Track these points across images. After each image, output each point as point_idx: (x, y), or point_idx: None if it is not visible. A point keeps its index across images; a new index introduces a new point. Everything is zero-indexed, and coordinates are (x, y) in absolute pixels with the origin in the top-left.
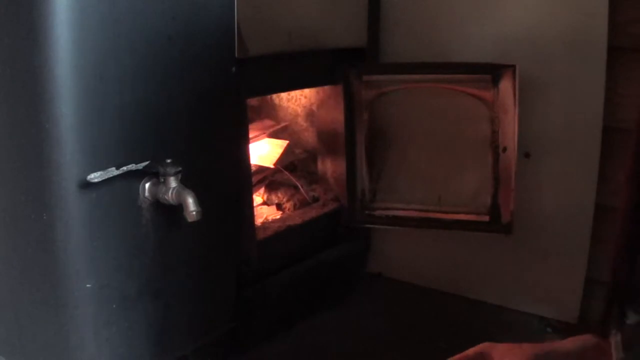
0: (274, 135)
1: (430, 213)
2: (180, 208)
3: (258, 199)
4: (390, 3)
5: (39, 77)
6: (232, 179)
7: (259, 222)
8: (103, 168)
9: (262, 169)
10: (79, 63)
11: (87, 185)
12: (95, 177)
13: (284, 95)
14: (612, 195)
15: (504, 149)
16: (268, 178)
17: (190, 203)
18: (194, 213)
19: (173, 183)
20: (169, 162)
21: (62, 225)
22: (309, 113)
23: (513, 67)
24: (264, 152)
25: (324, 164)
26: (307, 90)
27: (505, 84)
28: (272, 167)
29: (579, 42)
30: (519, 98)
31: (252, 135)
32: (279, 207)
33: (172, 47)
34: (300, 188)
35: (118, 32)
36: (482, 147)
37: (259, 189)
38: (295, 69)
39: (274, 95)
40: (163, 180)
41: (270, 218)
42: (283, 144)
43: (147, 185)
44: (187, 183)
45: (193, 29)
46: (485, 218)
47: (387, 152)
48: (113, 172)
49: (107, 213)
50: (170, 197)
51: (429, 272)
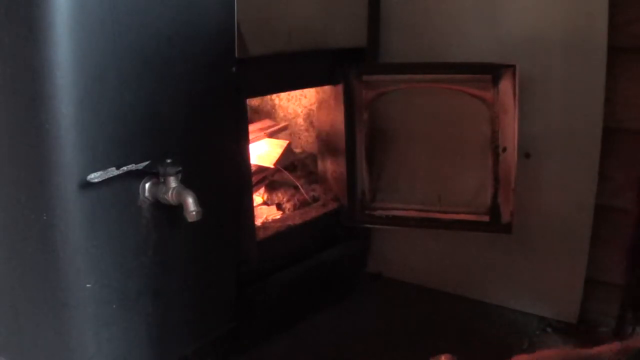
0: (274, 135)
1: (430, 213)
2: (180, 208)
3: (258, 199)
4: (390, 3)
5: (39, 77)
6: (232, 179)
7: (259, 222)
8: (103, 168)
9: (262, 169)
10: (79, 63)
11: (87, 185)
12: (95, 177)
13: (284, 95)
14: (612, 195)
15: (504, 149)
16: (268, 178)
17: (190, 203)
18: (194, 213)
19: (173, 183)
20: (169, 162)
21: (62, 225)
22: (309, 113)
23: (513, 67)
24: (264, 152)
25: (324, 164)
26: (307, 90)
27: (505, 84)
28: (272, 167)
29: (579, 42)
30: (519, 98)
31: (252, 135)
32: (279, 207)
33: (172, 47)
34: (300, 188)
35: (118, 32)
36: (482, 147)
37: (259, 189)
38: (295, 69)
39: (274, 95)
40: (163, 180)
41: (270, 218)
42: (283, 144)
43: (147, 185)
44: (187, 183)
45: (193, 29)
46: (485, 218)
47: (387, 152)
48: (113, 172)
49: (107, 213)
50: (170, 197)
51: (429, 272)
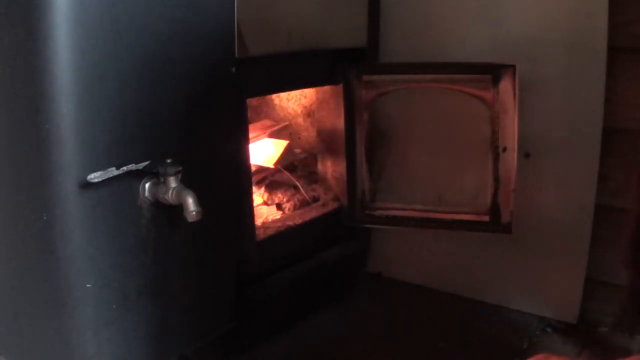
0: (274, 135)
1: (430, 213)
2: (180, 208)
3: (258, 199)
4: (390, 3)
5: (39, 77)
6: (232, 179)
7: (259, 222)
8: (103, 168)
9: (262, 169)
10: (79, 63)
11: (87, 185)
12: (95, 177)
13: (284, 95)
14: (612, 195)
15: (504, 149)
16: (268, 178)
17: (190, 203)
18: (194, 213)
19: (173, 183)
20: (169, 162)
21: (62, 225)
22: (309, 113)
23: (513, 67)
24: (264, 152)
25: (324, 164)
26: (307, 90)
27: (505, 84)
28: (272, 167)
29: (579, 42)
30: (519, 98)
31: (252, 135)
32: (279, 207)
33: (172, 47)
34: (300, 188)
35: (118, 32)
36: (482, 147)
37: (259, 189)
38: (295, 69)
39: (274, 95)
40: (163, 180)
41: (270, 218)
42: (283, 144)
43: (147, 185)
44: (187, 183)
45: (193, 29)
46: (485, 218)
47: (387, 152)
48: (113, 172)
49: (107, 213)
50: (170, 197)
51: (429, 272)
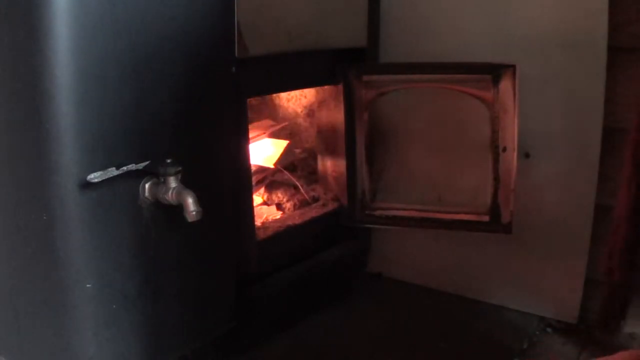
0: (274, 135)
1: (430, 213)
2: (180, 208)
3: (258, 199)
4: (390, 3)
5: (39, 77)
6: (232, 179)
7: (259, 222)
8: (103, 168)
9: (262, 169)
10: (79, 63)
11: (87, 185)
12: (95, 177)
13: (284, 95)
14: (612, 195)
15: (504, 149)
16: (268, 178)
17: (190, 203)
18: (194, 213)
19: (173, 183)
20: (169, 162)
21: (62, 225)
22: (309, 113)
23: (513, 67)
24: (264, 152)
25: (324, 164)
26: (307, 90)
27: (505, 84)
28: (272, 167)
29: (579, 42)
30: (519, 98)
31: (252, 135)
32: (279, 207)
33: (172, 47)
34: (300, 188)
35: (118, 32)
36: (482, 147)
37: (259, 189)
38: (295, 69)
39: (274, 95)
40: (163, 180)
41: (270, 218)
42: (283, 144)
43: (147, 185)
44: (187, 183)
45: (193, 29)
46: (485, 218)
47: (387, 152)
48: (113, 172)
49: (107, 213)
50: (170, 197)
51: (429, 272)
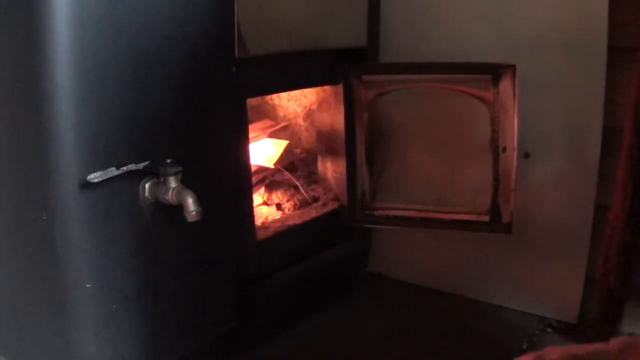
0: (274, 135)
1: (431, 213)
2: (180, 208)
3: (258, 199)
4: (390, 3)
5: (39, 77)
6: (232, 179)
7: (259, 222)
8: (103, 168)
9: (262, 169)
10: (79, 63)
11: (87, 185)
12: (95, 177)
13: (284, 95)
14: (612, 196)
15: (504, 149)
16: (268, 178)
17: (190, 203)
18: (194, 213)
19: (173, 183)
20: (169, 162)
21: (62, 225)
22: (309, 113)
23: (513, 67)
24: (264, 152)
25: (324, 164)
26: (307, 90)
27: (505, 84)
28: (272, 167)
29: (579, 42)
30: (519, 98)
31: (252, 135)
32: (279, 207)
33: (171, 47)
34: (300, 188)
35: (118, 32)
36: (482, 147)
37: (259, 189)
38: (295, 69)
39: (274, 95)
40: (163, 180)
41: (270, 218)
42: (283, 144)
43: (147, 185)
44: (187, 183)
45: (193, 29)
46: (485, 218)
47: (387, 152)
48: (113, 172)
49: (107, 213)
50: (170, 197)
51: (429, 272)
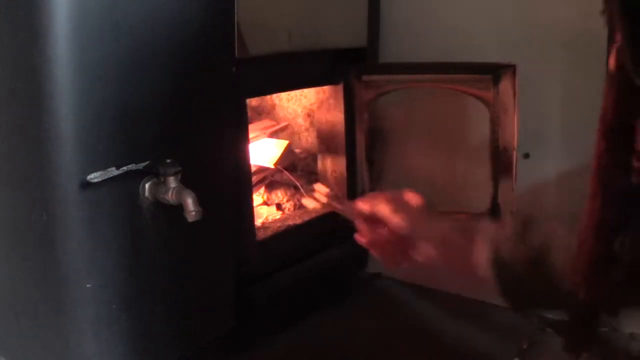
0: (274, 135)
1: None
2: (180, 208)
3: (258, 199)
4: (390, 3)
5: (39, 77)
6: (232, 179)
7: (259, 222)
8: (103, 168)
9: (262, 169)
10: (79, 63)
11: (87, 185)
12: (95, 177)
13: (284, 95)
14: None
15: (504, 149)
16: (268, 178)
17: (190, 203)
18: (194, 213)
19: (173, 183)
20: (169, 162)
21: (62, 225)
22: (309, 113)
23: (513, 67)
24: (264, 152)
25: (324, 164)
26: (307, 90)
27: (505, 84)
28: (272, 167)
29: (579, 42)
30: (519, 98)
31: (252, 135)
32: (279, 207)
33: (172, 47)
34: (300, 188)
35: (118, 32)
36: (482, 147)
37: (259, 189)
38: (295, 69)
39: (274, 95)
40: (163, 180)
41: (270, 218)
42: (283, 144)
43: (147, 185)
44: (187, 183)
45: (193, 30)
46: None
47: (387, 152)
48: (113, 172)
49: (107, 213)
50: (170, 197)
51: (429, 272)
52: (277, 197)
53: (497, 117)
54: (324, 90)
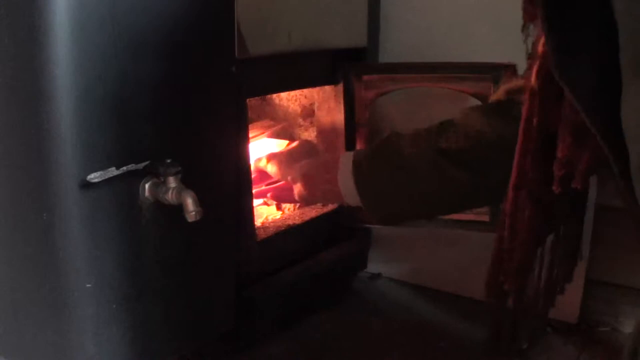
0: (274, 135)
1: None
2: (181, 208)
3: (258, 199)
4: (390, 3)
5: (39, 77)
6: (232, 179)
7: (259, 222)
8: (103, 168)
9: (262, 169)
10: (79, 63)
11: (87, 185)
12: (95, 177)
13: (284, 95)
14: (612, 196)
15: None
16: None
17: (190, 203)
18: (194, 213)
19: (173, 183)
20: (169, 162)
21: (62, 225)
22: (309, 113)
23: (513, 66)
24: (264, 152)
25: None
26: (307, 90)
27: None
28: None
29: None
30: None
31: (252, 135)
32: (279, 207)
33: (171, 47)
34: None
35: (118, 32)
36: None
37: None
38: (295, 69)
39: (274, 95)
40: (163, 180)
41: (270, 218)
42: (283, 144)
43: (147, 185)
44: (187, 183)
45: (193, 29)
46: (485, 218)
47: None
48: (113, 172)
49: (107, 213)
50: (170, 197)
51: (429, 272)
52: None
53: None
54: (324, 90)
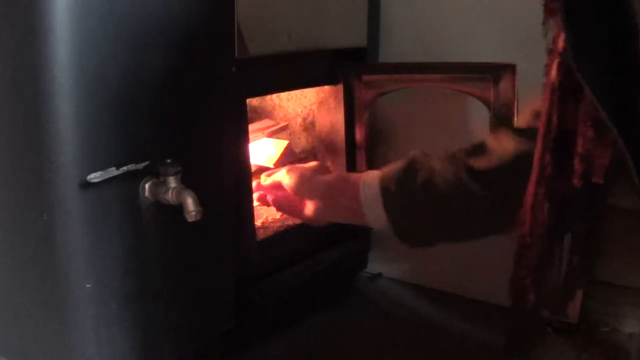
0: (274, 135)
1: None
2: (181, 208)
3: None
4: (390, 3)
5: (39, 77)
6: (232, 179)
7: (259, 222)
8: (103, 168)
9: (262, 169)
10: (79, 63)
11: (87, 185)
12: (95, 177)
13: (284, 95)
14: (611, 196)
15: None
16: None
17: (190, 203)
18: (194, 213)
19: (173, 183)
20: (169, 162)
21: (62, 225)
22: (309, 113)
23: (513, 67)
24: (264, 152)
25: (324, 164)
26: (307, 90)
27: (505, 84)
28: (271, 167)
29: None
30: (519, 98)
31: (252, 135)
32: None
33: (171, 47)
34: None
35: (118, 32)
36: None
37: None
38: (295, 69)
39: (274, 95)
40: (163, 180)
41: (270, 218)
42: (283, 144)
43: (147, 185)
44: (187, 183)
45: (193, 29)
46: None
47: (387, 152)
48: (113, 172)
49: (107, 213)
50: (170, 197)
51: (429, 272)
52: None
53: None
54: (324, 90)
